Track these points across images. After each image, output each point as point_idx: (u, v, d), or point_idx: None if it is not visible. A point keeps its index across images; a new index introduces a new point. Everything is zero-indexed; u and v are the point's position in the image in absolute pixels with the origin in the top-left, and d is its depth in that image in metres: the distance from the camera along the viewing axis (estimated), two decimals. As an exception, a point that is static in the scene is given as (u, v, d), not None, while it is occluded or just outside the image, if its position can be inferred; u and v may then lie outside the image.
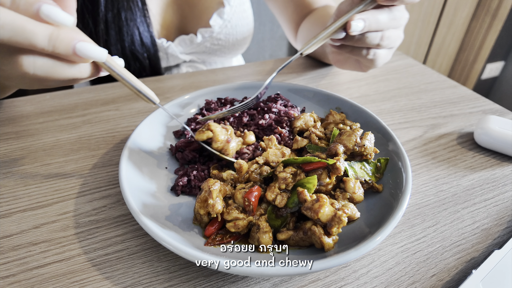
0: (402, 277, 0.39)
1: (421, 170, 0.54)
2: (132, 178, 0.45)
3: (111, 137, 0.60)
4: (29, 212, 0.46)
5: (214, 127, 0.49)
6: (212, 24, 0.81)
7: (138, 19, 0.74)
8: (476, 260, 0.41)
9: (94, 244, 0.42)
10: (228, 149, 0.50)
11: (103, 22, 0.71)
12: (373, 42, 0.53)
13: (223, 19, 0.82)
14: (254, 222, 0.41)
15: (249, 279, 0.39)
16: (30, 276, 0.38)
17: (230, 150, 0.50)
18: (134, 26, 0.73)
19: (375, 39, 0.53)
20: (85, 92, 0.73)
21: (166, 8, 0.81)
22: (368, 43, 0.53)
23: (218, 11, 0.81)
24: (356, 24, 0.48)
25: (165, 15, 0.82)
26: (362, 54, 0.56)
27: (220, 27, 0.82)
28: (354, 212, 0.41)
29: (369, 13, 0.49)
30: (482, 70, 2.51)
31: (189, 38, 0.81)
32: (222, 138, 0.49)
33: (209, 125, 0.49)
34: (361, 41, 0.52)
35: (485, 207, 0.48)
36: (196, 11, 0.83)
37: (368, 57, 0.57)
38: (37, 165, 0.54)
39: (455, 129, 0.64)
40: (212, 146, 0.49)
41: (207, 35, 0.82)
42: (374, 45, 0.53)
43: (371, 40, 0.52)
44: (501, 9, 2.23)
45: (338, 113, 0.58)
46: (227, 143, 0.50)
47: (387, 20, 0.51)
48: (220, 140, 0.49)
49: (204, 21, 0.83)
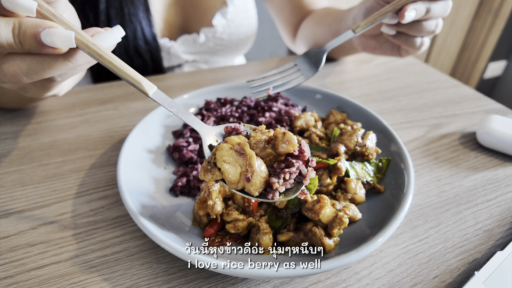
0: (404, 279, 0.39)
1: (423, 170, 0.54)
2: (130, 178, 0.44)
3: (109, 137, 0.60)
4: (26, 212, 0.46)
5: (221, 164, 0.34)
6: (215, 24, 0.80)
7: (141, 13, 0.73)
8: (478, 261, 0.41)
9: (92, 246, 0.42)
10: (250, 189, 0.34)
11: (104, 15, 0.71)
12: (429, 29, 0.53)
13: (226, 19, 0.81)
14: (254, 223, 0.40)
15: (249, 281, 0.39)
16: (27, 278, 0.38)
17: (252, 188, 0.34)
18: (137, 22, 0.73)
19: (431, 27, 0.53)
20: (83, 91, 0.72)
21: (169, 8, 0.81)
22: (423, 31, 0.53)
23: (221, 10, 0.81)
24: (408, 14, 0.49)
25: (168, 15, 0.81)
26: (415, 42, 0.56)
27: (223, 27, 0.82)
28: (355, 213, 0.41)
29: (421, 3, 0.50)
30: (485, 69, 2.50)
31: (192, 38, 0.81)
32: (234, 178, 0.34)
33: (216, 157, 0.35)
34: (416, 28, 0.53)
35: (487, 208, 0.48)
36: (199, 11, 0.82)
37: (417, 45, 0.57)
38: (34, 165, 0.54)
39: (458, 129, 0.63)
40: (228, 186, 0.36)
41: (210, 35, 0.81)
42: (429, 32, 0.54)
43: (427, 27, 0.53)
44: (503, 8, 2.22)
45: (339, 113, 0.57)
46: (247, 182, 0.34)
47: (440, 7, 0.51)
48: (233, 182, 0.34)
49: (207, 21, 0.82)
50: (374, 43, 0.65)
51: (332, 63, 0.85)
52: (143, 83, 0.33)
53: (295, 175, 0.35)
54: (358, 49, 0.71)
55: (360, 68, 0.84)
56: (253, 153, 0.34)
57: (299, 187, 0.36)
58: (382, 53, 0.66)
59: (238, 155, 0.34)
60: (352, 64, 0.86)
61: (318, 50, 0.55)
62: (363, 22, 0.52)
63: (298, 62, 0.56)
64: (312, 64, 0.55)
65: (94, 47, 0.31)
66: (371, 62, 0.87)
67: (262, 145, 0.35)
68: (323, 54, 0.54)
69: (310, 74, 0.54)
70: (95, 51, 0.31)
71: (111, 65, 0.32)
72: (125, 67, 0.33)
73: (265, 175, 0.35)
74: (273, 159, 0.36)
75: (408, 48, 0.59)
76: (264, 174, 0.35)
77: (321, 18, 0.79)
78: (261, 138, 0.36)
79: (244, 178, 0.34)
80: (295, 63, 0.56)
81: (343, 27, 0.68)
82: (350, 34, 0.53)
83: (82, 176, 0.52)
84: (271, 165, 0.36)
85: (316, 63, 0.55)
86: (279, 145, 0.35)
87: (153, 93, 0.34)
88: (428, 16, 0.51)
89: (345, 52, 0.79)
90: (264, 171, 0.35)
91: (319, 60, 0.54)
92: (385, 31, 0.56)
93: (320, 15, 0.80)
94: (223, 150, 0.35)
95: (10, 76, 0.32)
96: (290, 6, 0.87)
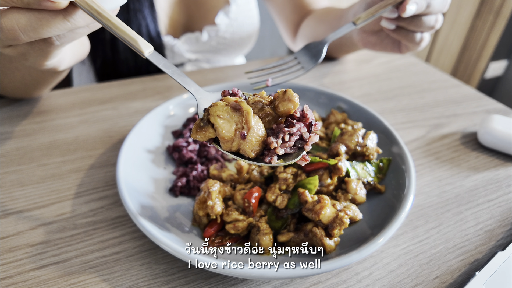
0: (404, 280, 0.39)
1: (424, 170, 0.54)
2: (130, 178, 0.44)
3: (109, 137, 0.60)
4: (25, 213, 0.45)
5: (215, 119, 0.32)
6: (218, 22, 0.81)
7: (146, 10, 0.74)
8: (479, 262, 0.41)
9: (92, 246, 0.41)
10: (246, 148, 0.32)
11: None
12: (428, 24, 0.53)
13: (229, 18, 0.82)
14: (254, 224, 0.40)
15: (249, 282, 0.38)
16: (26, 278, 0.38)
17: (247, 147, 0.32)
18: (142, 18, 0.74)
19: (431, 22, 0.53)
20: (82, 91, 0.72)
21: (173, 6, 0.82)
22: (423, 26, 0.53)
23: (224, 9, 0.82)
24: (409, 7, 0.49)
25: (171, 13, 0.82)
26: (415, 37, 0.56)
27: (226, 26, 0.82)
28: (356, 213, 0.40)
29: None
30: (486, 69, 2.50)
31: (195, 36, 0.81)
32: (229, 135, 0.32)
33: (210, 112, 0.32)
34: (416, 23, 0.53)
35: (488, 208, 0.48)
36: (202, 9, 0.83)
37: (417, 40, 0.57)
38: (33, 165, 0.53)
39: (459, 129, 0.63)
40: (222, 147, 0.34)
41: (213, 33, 0.82)
42: (429, 27, 0.54)
43: (427, 22, 0.53)
44: (505, 7, 2.21)
45: (340, 113, 0.57)
46: (242, 140, 0.32)
47: (439, 1, 0.51)
48: (227, 139, 0.32)
49: (210, 19, 0.83)
50: (374, 39, 0.65)
51: (332, 63, 0.85)
52: (139, 42, 0.33)
53: (296, 137, 0.31)
54: (358, 46, 0.71)
55: (361, 68, 0.84)
56: (250, 108, 0.31)
57: (300, 152, 0.32)
58: (382, 49, 0.66)
59: (234, 111, 0.32)
60: (353, 63, 0.86)
61: (318, 42, 0.54)
62: (364, 14, 0.52)
63: (298, 55, 0.55)
64: (312, 56, 0.54)
65: (93, 3, 0.31)
66: (371, 62, 0.87)
67: (261, 105, 0.33)
68: (323, 46, 0.53)
69: (310, 66, 0.52)
70: (93, 9, 0.31)
71: (109, 23, 0.32)
72: (122, 26, 0.33)
73: (262, 134, 0.32)
74: (272, 120, 0.33)
75: (408, 44, 0.59)
76: (261, 132, 0.32)
77: (322, 17, 0.79)
78: (260, 100, 0.33)
79: (239, 136, 0.31)
80: (295, 57, 0.55)
81: (343, 23, 0.68)
82: (351, 26, 0.53)
83: (81, 176, 0.51)
84: (270, 127, 0.33)
85: (316, 55, 0.53)
86: (279, 103, 0.32)
87: (149, 52, 0.34)
88: (428, 10, 0.51)
89: (345, 49, 0.79)
90: (261, 129, 0.32)
91: (320, 51, 0.53)
92: (384, 25, 0.56)
93: (321, 14, 0.80)
94: (218, 105, 0.32)
95: (7, 31, 0.32)
96: (291, 5, 0.88)
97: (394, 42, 0.63)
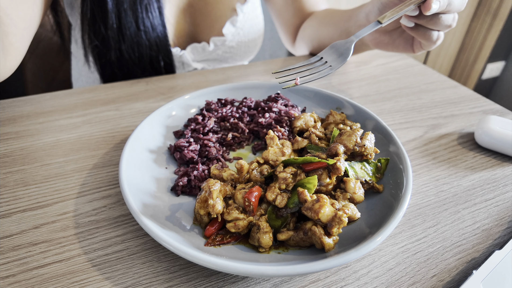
0: (402, 278, 0.39)
1: (422, 170, 0.54)
2: (132, 178, 0.45)
3: (111, 137, 0.60)
4: (29, 212, 0.46)
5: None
6: (225, 32, 0.80)
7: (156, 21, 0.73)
8: (476, 260, 0.41)
9: (94, 244, 0.42)
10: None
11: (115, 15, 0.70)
12: (447, 23, 0.54)
13: (236, 27, 0.81)
14: (254, 222, 0.41)
15: (249, 280, 0.39)
16: (30, 276, 0.38)
17: None
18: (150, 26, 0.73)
19: (449, 21, 0.54)
20: (85, 92, 0.73)
21: (178, 17, 0.81)
22: (441, 24, 0.54)
23: (231, 19, 0.81)
24: (433, 6, 0.49)
25: (177, 24, 0.81)
26: (432, 36, 0.57)
27: (232, 35, 0.82)
28: (354, 212, 0.41)
29: None
30: (483, 70, 2.51)
31: (201, 46, 0.81)
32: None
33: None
34: (435, 21, 0.53)
35: (485, 207, 0.48)
36: (208, 20, 0.82)
37: (434, 39, 0.57)
38: (37, 165, 0.54)
39: (456, 130, 0.64)
40: None
41: (219, 43, 0.81)
42: (447, 26, 0.54)
43: (445, 21, 0.53)
44: (502, 9, 2.23)
45: (339, 114, 0.58)
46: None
47: (459, 2, 0.52)
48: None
49: (216, 29, 0.82)
50: (387, 39, 0.64)
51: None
52: None
53: None
54: (370, 46, 0.71)
55: (360, 69, 0.85)
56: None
57: None
58: (394, 49, 0.65)
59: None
60: (352, 65, 0.87)
61: (344, 41, 0.54)
62: (389, 13, 0.52)
63: (325, 55, 0.55)
64: (340, 54, 0.53)
65: None
66: (370, 63, 0.87)
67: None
68: (351, 45, 0.53)
69: (338, 64, 0.52)
70: None
71: None
72: None
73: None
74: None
75: (424, 42, 0.59)
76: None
77: (326, 18, 0.79)
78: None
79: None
80: (321, 57, 0.55)
81: (353, 24, 0.68)
82: (377, 25, 0.53)
83: (84, 175, 0.52)
84: None
85: (343, 53, 0.53)
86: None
87: None
88: (448, 9, 0.51)
89: (355, 50, 0.79)
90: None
91: (347, 50, 0.53)
92: (404, 23, 0.57)
93: (324, 15, 0.80)
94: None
95: None
96: (292, 8, 0.88)
97: (407, 41, 0.63)
